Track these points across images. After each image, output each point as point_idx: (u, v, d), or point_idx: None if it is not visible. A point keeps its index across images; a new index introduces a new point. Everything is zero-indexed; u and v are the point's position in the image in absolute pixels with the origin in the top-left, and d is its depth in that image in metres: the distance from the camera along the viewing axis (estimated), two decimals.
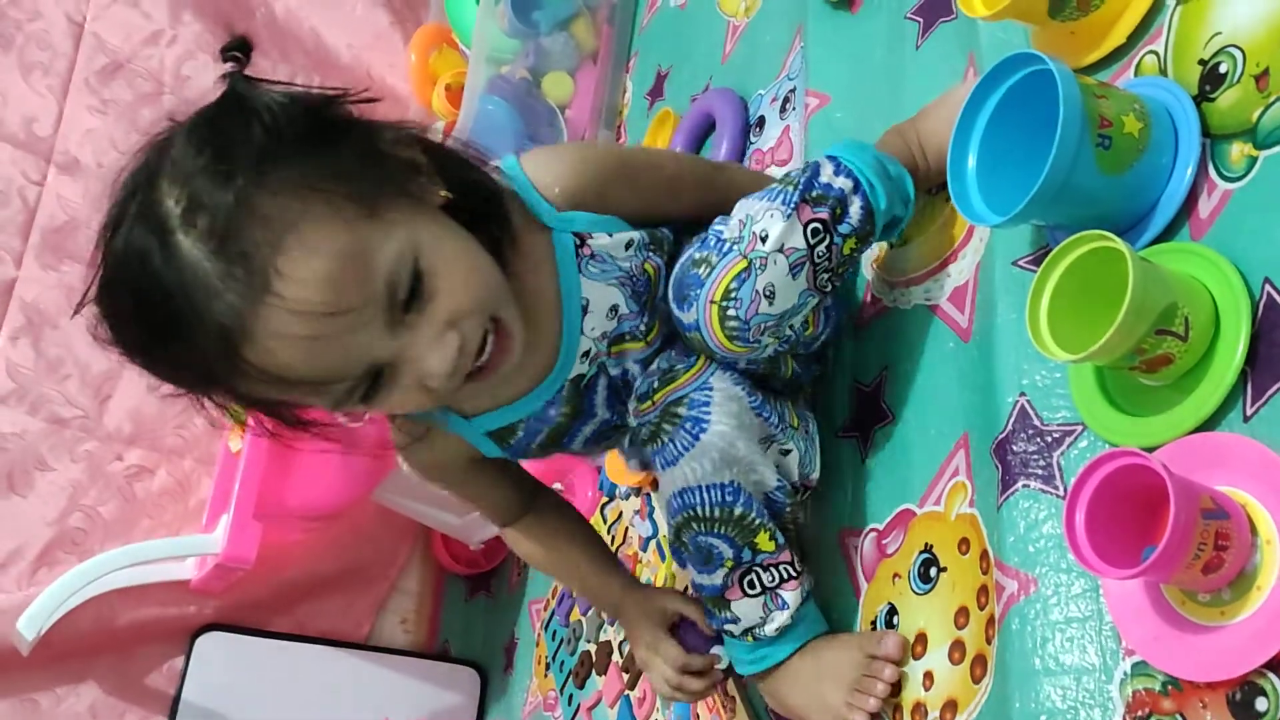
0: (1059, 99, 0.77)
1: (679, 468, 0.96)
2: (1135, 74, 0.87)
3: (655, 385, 0.98)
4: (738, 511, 0.96)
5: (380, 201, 0.80)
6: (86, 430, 1.65)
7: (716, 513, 0.96)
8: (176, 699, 1.61)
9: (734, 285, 0.92)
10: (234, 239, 0.75)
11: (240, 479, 1.54)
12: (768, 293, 0.92)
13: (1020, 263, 0.92)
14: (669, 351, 1.00)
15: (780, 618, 0.98)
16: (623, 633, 1.32)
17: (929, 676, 0.91)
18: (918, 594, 0.95)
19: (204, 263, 0.75)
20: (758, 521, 0.96)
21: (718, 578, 0.99)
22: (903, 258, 1.08)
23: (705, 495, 0.96)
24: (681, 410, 0.96)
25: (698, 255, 0.94)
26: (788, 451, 0.99)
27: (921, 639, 0.93)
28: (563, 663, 1.46)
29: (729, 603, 0.99)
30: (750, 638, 1.00)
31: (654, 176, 1.00)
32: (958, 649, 0.89)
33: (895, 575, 0.97)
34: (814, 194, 0.95)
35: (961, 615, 0.90)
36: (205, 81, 1.83)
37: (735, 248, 0.93)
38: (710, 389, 0.96)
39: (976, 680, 0.86)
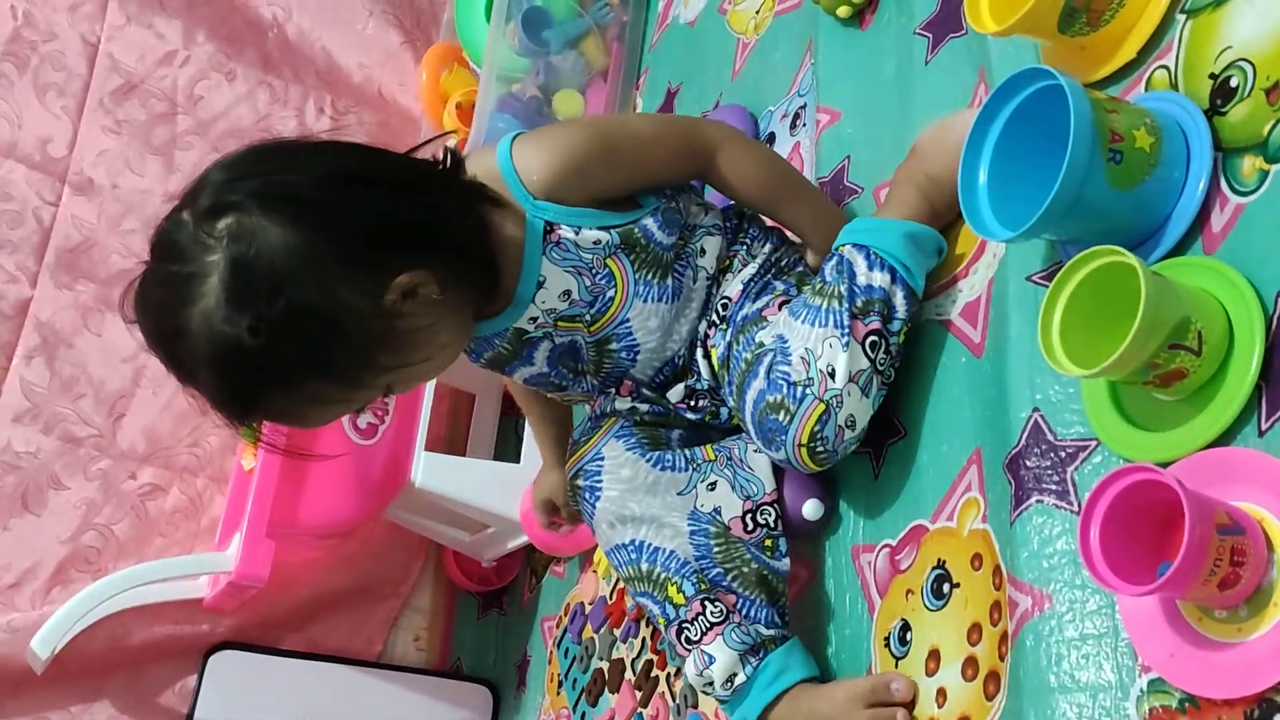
0: (1070, 114, 0.77)
1: (596, 534, 1.07)
2: (1146, 88, 0.87)
3: (568, 456, 1.11)
4: (644, 567, 1.02)
5: (366, 371, 0.94)
6: (100, 449, 1.65)
7: (630, 571, 1.04)
8: (189, 717, 1.61)
9: (818, 428, 0.96)
10: (245, 416, 0.94)
11: (253, 497, 1.54)
12: (849, 424, 0.97)
13: (1034, 277, 0.92)
14: (585, 421, 1.12)
15: (716, 673, 0.99)
16: (635, 649, 1.32)
17: (942, 693, 0.91)
18: (930, 610, 0.94)
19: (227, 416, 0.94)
20: (663, 575, 1.01)
21: (665, 634, 1.03)
22: None
23: (616, 557, 1.05)
24: (581, 482, 1.08)
25: (771, 398, 0.98)
26: (714, 485, 1.05)
27: (934, 655, 0.92)
28: (575, 680, 1.45)
29: (683, 659, 1.02)
30: (718, 700, 1.02)
31: (634, 147, 1.04)
32: (971, 665, 0.89)
33: (908, 591, 0.97)
34: (860, 303, 0.98)
35: (974, 631, 0.89)
36: (218, 102, 1.85)
37: (809, 391, 0.96)
38: (601, 459, 1.07)
39: (990, 697, 0.86)
